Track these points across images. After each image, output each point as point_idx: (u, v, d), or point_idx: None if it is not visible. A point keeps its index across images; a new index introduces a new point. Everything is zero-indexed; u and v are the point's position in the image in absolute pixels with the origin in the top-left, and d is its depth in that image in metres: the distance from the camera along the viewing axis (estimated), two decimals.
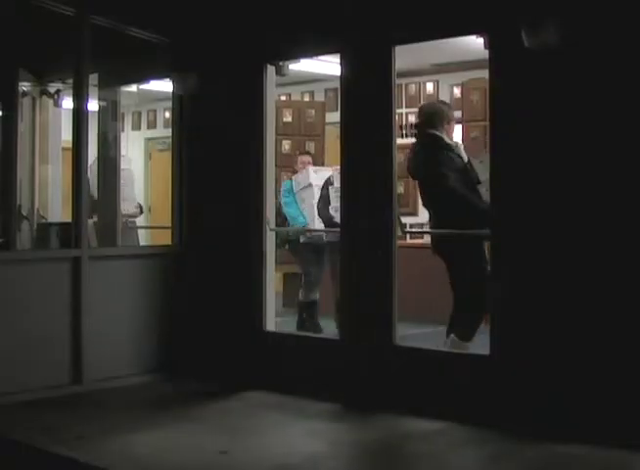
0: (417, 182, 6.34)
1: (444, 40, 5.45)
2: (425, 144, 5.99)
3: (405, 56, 5.38)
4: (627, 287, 4.39)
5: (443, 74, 9.86)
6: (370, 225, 5.35)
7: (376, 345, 5.31)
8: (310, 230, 7.73)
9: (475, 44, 5.55)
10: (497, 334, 4.85)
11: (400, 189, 7.90)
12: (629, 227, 4.40)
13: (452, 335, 5.69)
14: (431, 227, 6.20)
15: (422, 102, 9.83)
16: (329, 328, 7.30)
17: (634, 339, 4.35)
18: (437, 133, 5.93)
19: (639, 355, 4.34)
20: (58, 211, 8.32)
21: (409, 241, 8.51)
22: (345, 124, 5.55)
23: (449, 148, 5.92)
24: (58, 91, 8.05)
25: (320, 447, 4.53)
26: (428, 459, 4.34)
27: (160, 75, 7.64)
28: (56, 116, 8.33)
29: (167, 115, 11.42)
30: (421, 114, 6.23)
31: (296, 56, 6.18)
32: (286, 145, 9.64)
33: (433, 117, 6.00)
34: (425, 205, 6.20)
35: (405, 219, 7.21)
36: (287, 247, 7.97)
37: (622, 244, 4.41)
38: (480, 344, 5.34)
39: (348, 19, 5.42)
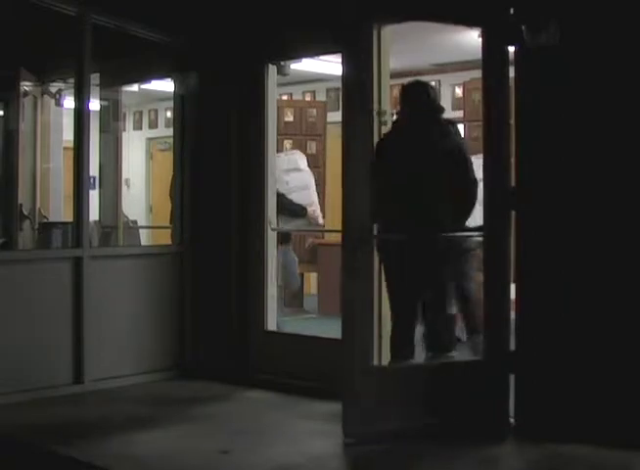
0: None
1: (444, 40, 5.43)
2: (454, 127, 5.30)
3: (406, 56, 5.35)
4: (625, 286, 4.39)
5: (444, 74, 9.85)
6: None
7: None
8: None
9: (475, 44, 5.53)
10: (491, 335, 4.85)
11: None
12: (624, 228, 4.40)
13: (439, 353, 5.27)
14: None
15: None
16: None
17: (634, 338, 4.35)
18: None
19: (639, 355, 4.35)
20: (59, 210, 8.33)
21: None
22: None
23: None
24: (59, 91, 8.06)
25: (321, 448, 4.53)
26: (428, 460, 4.33)
27: (161, 75, 7.66)
28: (57, 115, 8.33)
29: (169, 114, 11.44)
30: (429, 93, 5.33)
31: (297, 55, 6.18)
32: (287, 145, 9.62)
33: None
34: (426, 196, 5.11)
35: None
36: None
37: (619, 244, 4.41)
38: None
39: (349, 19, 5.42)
